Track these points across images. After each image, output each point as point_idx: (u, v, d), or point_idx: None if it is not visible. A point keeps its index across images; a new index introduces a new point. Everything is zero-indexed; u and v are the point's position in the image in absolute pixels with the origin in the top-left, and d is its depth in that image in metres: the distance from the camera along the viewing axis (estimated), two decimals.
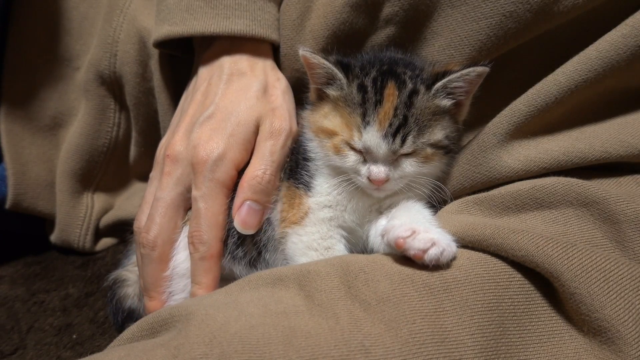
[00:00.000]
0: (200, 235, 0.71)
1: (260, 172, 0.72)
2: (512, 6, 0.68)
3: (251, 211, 0.71)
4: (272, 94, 0.77)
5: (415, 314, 0.54)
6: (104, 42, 0.96)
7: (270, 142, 0.74)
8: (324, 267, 0.61)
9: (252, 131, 0.74)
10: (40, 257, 1.06)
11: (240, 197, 0.72)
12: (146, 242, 0.74)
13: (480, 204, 0.70)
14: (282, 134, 0.74)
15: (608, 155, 0.67)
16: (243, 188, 0.72)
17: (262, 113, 0.75)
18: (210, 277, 0.71)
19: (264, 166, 0.72)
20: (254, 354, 0.49)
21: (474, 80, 0.69)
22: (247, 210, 0.71)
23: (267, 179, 0.72)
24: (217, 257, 0.72)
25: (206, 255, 0.71)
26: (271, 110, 0.76)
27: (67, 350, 0.81)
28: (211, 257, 0.71)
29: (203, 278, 0.71)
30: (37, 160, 1.03)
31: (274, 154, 0.74)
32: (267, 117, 0.75)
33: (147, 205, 0.77)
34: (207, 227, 0.71)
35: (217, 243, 0.72)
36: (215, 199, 0.72)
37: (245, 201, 0.71)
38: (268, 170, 0.72)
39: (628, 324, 0.56)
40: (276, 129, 0.74)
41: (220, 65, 0.79)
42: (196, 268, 0.71)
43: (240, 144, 0.73)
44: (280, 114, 0.76)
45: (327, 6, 0.77)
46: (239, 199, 0.72)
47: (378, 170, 0.69)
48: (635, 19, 0.66)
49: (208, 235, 0.71)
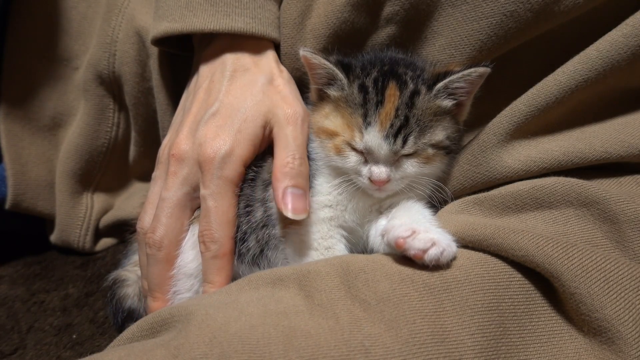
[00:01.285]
0: (212, 233, 0.70)
1: (290, 158, 0.71)
2: (513, 6, 0.68)
3: (295, 197, 0.70)
4: (278, 84, 0.77)
5: (415, 314, 0.54)
6: (102, 41, 0.96)
7: (290, 128, 0.73)
8: (324, 267, 0.61)
9: (260, 126, 0.73)
10: (40, 257, 1.06)
11: (279, 187, 0.70)
12: (152, 242, 0.74)
13: (481, 204, 0.70)
14: (298, 117, 0.74)
15: (608, 155, 0.67)
16: (278, 178, 0.70)
17: (271, 105, 0.74)
18: (223, 275, 0.70)
19: (291, 152, 0.72)
20: (254, 354, 0.49)
21: (475, 81, 0.69)
22: (291, 197, 0.70)
23: (299, 162, 0.71)
24: (229, 254, 0.71)
25: (218, 253, 0.70)
26: (281, 99, 0.75)
27: (67, 350, 0.81)
28: (224, 255, 0.70)
29: (216, 277, 0.70)
30: (36, 161, 1.02)
31: (297, 138, 0.73)
32: (278, 107, 0.74)
33: (150, 206, 0.77)
34: (218, 225, 0.70)
35: (229, 241, 0.71)
36: (224, 196, 0.71)
37: (287, 189, 0.70)
38: (297, 154, 0.72)
39: (628, 324, 0.56)
40: (291, 115, 0.74)
41: (222, 62, 0.78)
42: (208, 267, 0.71)
43: (247, 140, 0.72)
44: (290, 101, 0.75)
45: (328, 5, 0.77)
46: (279, 189, 0.70)
47: (379, 170, 0.69)
48: (636, 19, 0.66)
49: (219, 234, 0.70)
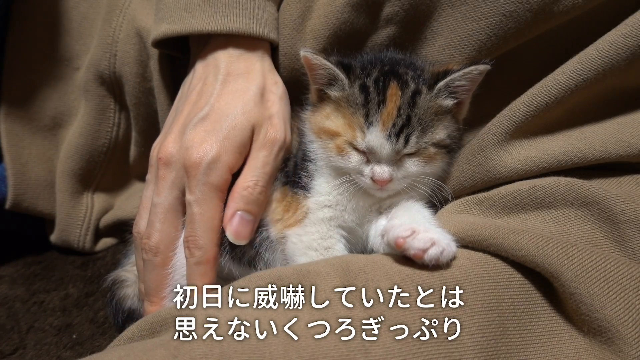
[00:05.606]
0: (196, 240, 0.69)
1: (252, 183, 0.71)
2: (512, 6, 0.68)
3: (243, 221, 0.70)
4: (269, 99, 0.76)
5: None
6: (103, 42, 0.96)
7: (263, 153, 0.72)
8: (324, 267, 0.61)
9: (247, 136, 0.72)
10: (40, 257, 1.06)
11: (231, 207, 0.70)
12: (148, 248, 0.73)
13: (480, 204, 0.70)
14: (276, 144, 0.73)
15: (608, 155, 0.67)
16: (234, 198, 0.70)
17: (259, 120, 0.73)
18: (206, 280, 0.70)
19: (255, 177, 0.71)
20: (254, 354, 0.49)
21: (476, 78, 0.69)
22: (239, 220, 0.70)
23: (259, 191, 0.71)
24: (213, 261, 0.70)
25: (202, 260, 0.70)
26: (268, 118, 0.74)
27: (67, 350, 0.81)
28: (207, 261, 0.70)
29: (199, 282, 0.69)
30: (37, 161, 1.02)
31: (267, 165, 0.72)
32: (263, 125, 0.73)
33: (144, 210, 0.76)
34: (202, 232, 0.69)
35: (213, 247, 0.70)
36: (209, 203, 0.70)
37: (237, 211, 0.70)
38: (260, 181, 0.71)
39: (628, 324, 0.56)
40: (270, 139, 0.73)
41: (216, 64, 0.77)
42: (192, 272, 0.70)
43: (234, 147, 0.71)
44: (276, 123, 0.74)
45: (328, 6, 0.77)
46: (231, 209, 0.70)
47: (382, 170, 0.69)
48: (635, 19, 0.66)
49: (204, 240, 0.69)
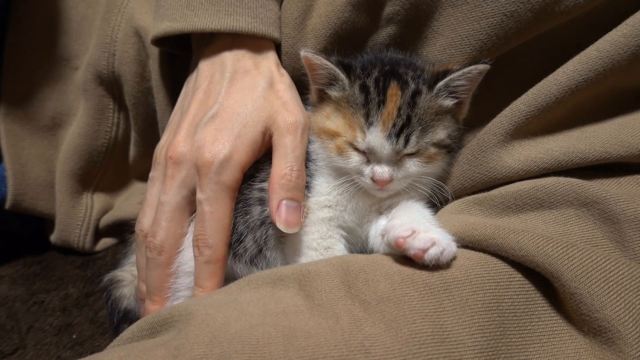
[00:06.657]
0: (206, 239, 0.69)
1: (288, 170, 0.71)
2: (513, 6, 0.68)
3: (290, 209, 0.70)
4: (279, 89, 0.76)
5: (415, 314, 0.54)
6: (102, 41, 0.96)
7: (289, 138, 0.72)
8: (324, 267, 0.61)
9: (260, 132, 0.72)
10: (40, 257, 1.06)
11: (274, 199, 0.70)
12: (153, 246, 0.73)
13: (481, 204, 0.70)
14: (299, 127, 0.73)
15: (608, 155, 0.67)
16: (274, 189, 0.70)
17: (272, 111, 0.73)
18: (215, 280, 0.70)
19: (289, 163, 0.71)
20: (254, 354, 0.49)
21: (475, 78, 0.69)
22: (285, 210, 0.70)
23: (296, 175, 0.71)
24: (222, 260, 0.70)
25: (211, 259, 0.69)
26: (282, 106, 0.74)
27: (67, 350, 0.81)
28: (217, 260, 0.70)
29: (207, 282, 0.70)
30: (36, 161, 1.02)
31: (296, 149, 0.72)
32: (279, 114, 0.73)
33: (149, 208, 0.76)
34: (213, 231, 0.69)
35: (223, 247, 0.70)
36: (221, 202, 0.70)
37: (282, 201, 0.70)
38: (295, 166, 0.71)
39: (628, 324, 0.56)
40: (291, 124, 0.73)
41: (222, 62, 0.77)
42: (201, 271, 0.70)
43: (247, 146, 0.71)
44: (292, 108, 0.74)
45: (329, 5, 0.77)
46: (274, 201, 0.70)
47: (382, 170, 0.69)
48: (636, 19, 0.66)
49: (214, 239, 0.69)
